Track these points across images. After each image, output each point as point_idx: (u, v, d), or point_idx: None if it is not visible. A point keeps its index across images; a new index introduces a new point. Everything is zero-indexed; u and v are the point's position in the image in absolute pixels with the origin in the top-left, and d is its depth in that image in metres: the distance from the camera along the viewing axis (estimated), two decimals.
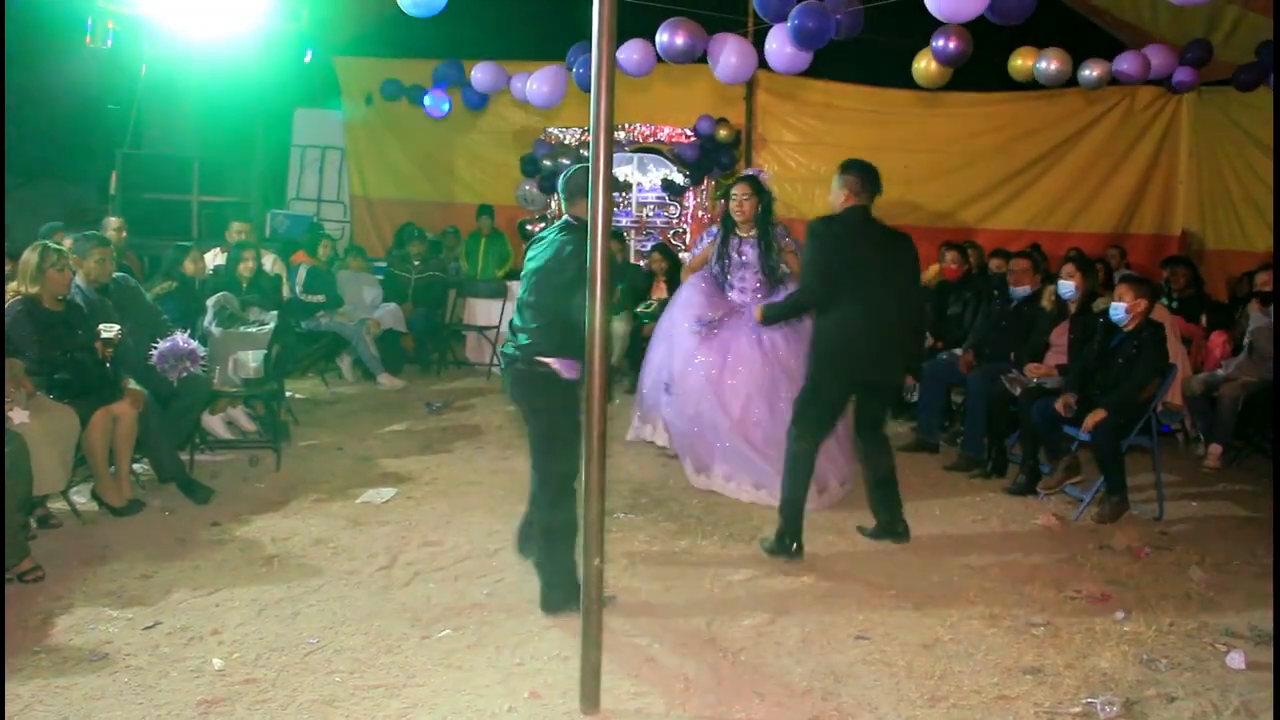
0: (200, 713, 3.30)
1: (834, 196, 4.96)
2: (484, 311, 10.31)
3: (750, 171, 6.30)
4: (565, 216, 4.18)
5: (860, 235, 4.83)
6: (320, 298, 8.95)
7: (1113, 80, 8.58)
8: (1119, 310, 5.76)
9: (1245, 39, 8.98)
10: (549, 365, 4.01)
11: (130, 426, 5.28)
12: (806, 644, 3.92)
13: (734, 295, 6.13)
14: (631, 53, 7.86)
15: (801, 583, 4.56)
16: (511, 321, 4.22)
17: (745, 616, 4.16)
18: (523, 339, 4.09)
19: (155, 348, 5.68)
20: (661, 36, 7.36)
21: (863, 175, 4.88)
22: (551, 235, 4.16)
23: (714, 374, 5.87)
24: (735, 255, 6.10)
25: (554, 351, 4.00)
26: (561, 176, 4.23)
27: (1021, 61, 8.63)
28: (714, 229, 6.27)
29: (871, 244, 4.84)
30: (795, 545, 4.84)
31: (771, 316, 5.20)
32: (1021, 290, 6.81)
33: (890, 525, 5.15)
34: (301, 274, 9.00)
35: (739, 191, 6.00)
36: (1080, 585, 4.56)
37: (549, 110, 9.28)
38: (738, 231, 6.08)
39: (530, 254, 4.22)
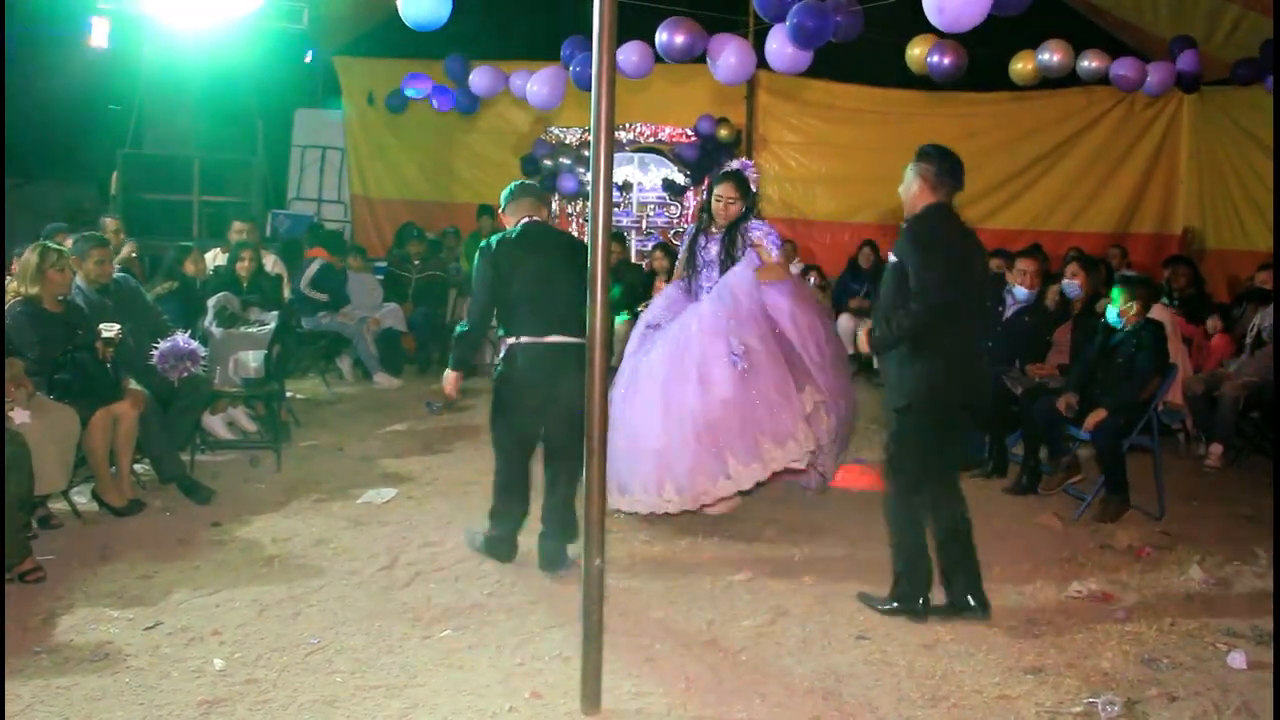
0: (201, 713, 3.31)
1: (907, 190, 4.15)
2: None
3: (736, 165, 5.89)
4: (525, 219, 4.62)
5: (954, 236, 4.08)
6: (323, 296, 8.95)
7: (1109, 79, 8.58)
8: (1113, 312, 5.77)
9: (1246, 39, 8.99)
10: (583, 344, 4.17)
11: (131, 427, 5.28)
12: (807, 644, 3.92)
13: (700, 297, 5.53)
14: (630, 54, 7.85)
15: (802, 583, 4.56)
16: (554, 308, 4.41)
17: (746, 617, 4.16)
18: (576, 327, 4.09)
19: (156, 348, 5.68)
20: (661, 35, 7.36)
21: (940, 162, 4.07)
22: (533, 232, 4.59)
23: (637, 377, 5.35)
24: (700, 254, 5.60)
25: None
26: (517, 184, 4.74)
27: (1022, 65, 8.63)
28: (692, 228, 5.87)
29: (964, 246, 4.10)
30: (923, 600, 4.15)
31: (887, 343, 4.13)
32: (1024, 293, 6.64)
33: (965, 595, 4.19)
34: (313, 268, 8.97)
35: (723, 193, 5.45)
36: (1082, 585, 4.55)
37: (549, 110, 9.29)
38: (711, 229, 5.57)
39: (514, 252, 4.51)
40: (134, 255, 7.47)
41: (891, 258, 4.14)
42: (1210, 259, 10.71)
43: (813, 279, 10.55)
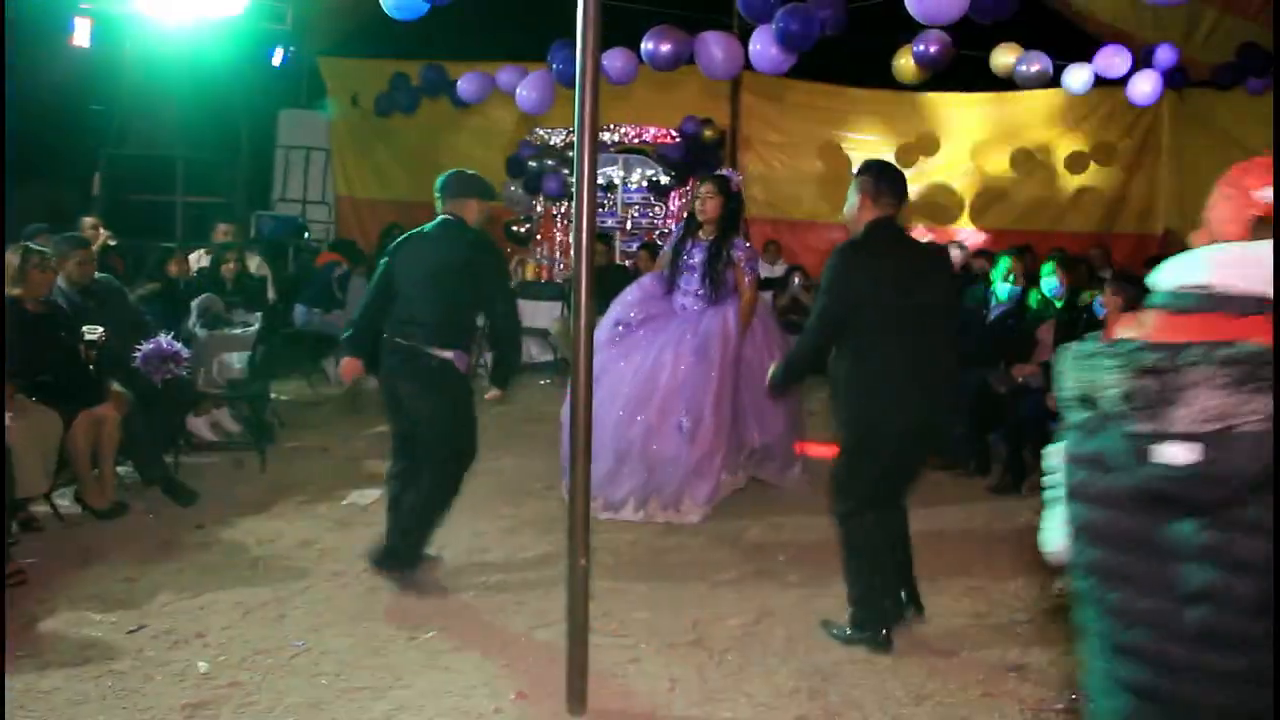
0: (185, 716, 3.28)
1: (849, 209, 3.98)
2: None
3: (722, 172, 6.11)
4: (443, 215, 4.42)
5: (889, 256, 3.86)
6: (341, 296, 8.95)
7: (1097, 82, 8.62)
8: (1099, 308, 5.81)
9: (1223, 42, 9.06)
10: (448, 358, 4.24)
11: (114, 429, 5.25)
12: (792, 644, 3.92)
13: (678, 298, 5.74)
14: (614, 60, 7.84)
15: (787, 583, 4.57)
16: (397, 315, 4.34)
17: (731, 616, 4.17)
18: (422, 331, 4.25)
19: (139, 350, 5.64)
20: (646, 45, 7.36)
21: (879, 176, 3.92)
22: (435, 231, 4.40)
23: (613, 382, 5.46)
24: (684, 258, 5.72)
25: (450, 345, 4.26)
26: (443, 176, 4.51)
27: (1003, 59, 8.66)
28: (679, 229, 6.01)
29: (905, 265, 3.87)
30: (885, 632, 3.90)
31: (780, 377, 4.14)
32: (1010, 289, 6.67)
33: (904, 602, 4.11)
34: (343, 268, 9.11)
35: (704, 189, 5.70)
36: (1064, 582, 4.56)
37: (538, 115, 9.28)
38: (699, 233, 5.71)
39: (406, 249, 4.40)
40: (111, 243, 7.41)
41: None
42: None
43: (796, 279, 10.58)
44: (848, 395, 3.86)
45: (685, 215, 6.07)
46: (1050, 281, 6.60)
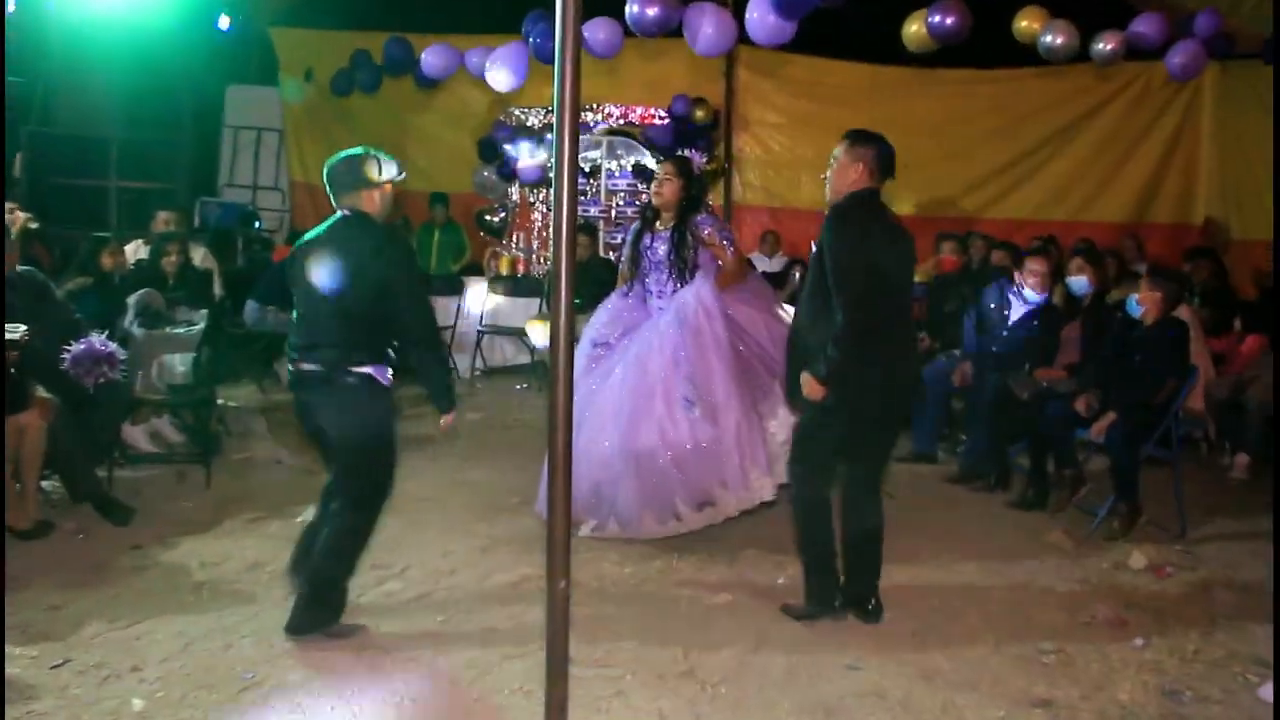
0: None
1: (838, 170, 4.30)
2: (438, 310, 10.22)
3: (683, 153, 5.97)
4: (340, 210, 4.17)
5: (883, 226, 4.28)
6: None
7: (1129, 54, 8.59)
8: (1132, 303, 5.82)
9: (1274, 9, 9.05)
10: (366, 374, 4.04)
11: (38, 439, 5.20)
12: (793, 675, 3.92)
13: (655, 304, 5.57)
14: (598, 31, 7.82)
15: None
16: (295, 337, 4.15)
17: (725, 645, 4.16)
18: (329, 352, 4.03)
19: (68, 351, 5.60)
20: (631, 8, 7.34)
21: (880, 150, 4.28)
22: (329, 234, 4.14)
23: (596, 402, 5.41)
24: (647, 254, 5.58)
25: (369, 359, 4.05)
26: (327, 166, 4.22)
27: (1027, 24, 8.57)
28: (635, 225, 5.85)
29: (893, 239, 4.29)
30: (838, 602, 4.38)
31: (832, 365, 4.14)
32: (1035, 296, 6.57)
33: (861, 597, 4.41)
34: None
35: (660, 172, 5.57)
36: (1095, 609, 4.58)
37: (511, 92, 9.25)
38: (656, 225, 5.59)
39: (300, 261, 4.14)
40: (33, 225, 7.34)
41: (814, 247, 4.32)
42: (1234, 251, 10.74)
43: (798, 274, 10.58)
44: (858, 375, 4.14)
45: (642, 208, 5.92)
46: (1078, 280, 6.61)
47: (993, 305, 6.87)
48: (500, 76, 8.40)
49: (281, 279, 4.34)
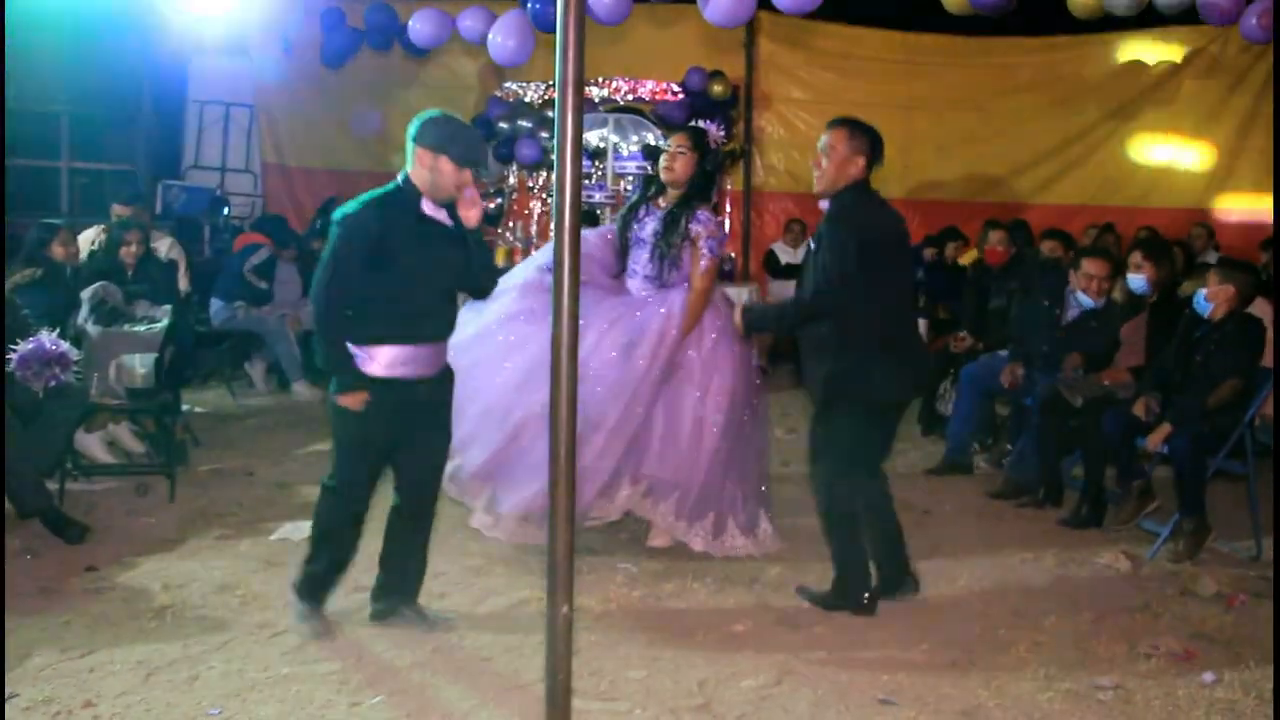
0: None
1: (838, 162, 4.72)
2: None
3: (699, 124, 5.88)
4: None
5: (886, 216, 4.82)
6: (264, 284, 8.95)
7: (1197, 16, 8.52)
8: (1200, 298, 5.81)
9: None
10: None
11: None
12: (819, 709, 3.92)
13: (626, 280, 5.60)
14: None
15: (814, 634, 4.57)
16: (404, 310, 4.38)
17: (746, 676, 4.16)
18: (441, 328, 4.48)
19: (14, 351, 5.63)
20: None
21: (875, 138, 4.77)
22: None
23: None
24: (635, 229, 5.56)
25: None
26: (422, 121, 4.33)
27: None
28: (633, 195, 5.86)
29: (895, 226, 4.85)
30: (868, 596, 4.79)
31: (758, 323, 5.12)
32: (1093, 302, 6.53)
33: (900, 575, 4.96)
34: (263, 253, 9.12)
35: (673, 143, 5.49)
36: (1158, 640, 4.57)
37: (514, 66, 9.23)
38: (659, 199, 5.56)
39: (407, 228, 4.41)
40: None
41: (812, 243, 4.80)
42: None
43: None
44: (860, 359, 4.60)
45: (645, 178, 5.90)
46: (1135, 279, 6.59)
47: (1046, 302, 6.88)
48: (504, 49, 8.34)
49: (238, 274, 4.55)
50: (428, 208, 4.30)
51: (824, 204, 4.78)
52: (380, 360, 4.25)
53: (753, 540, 5.48)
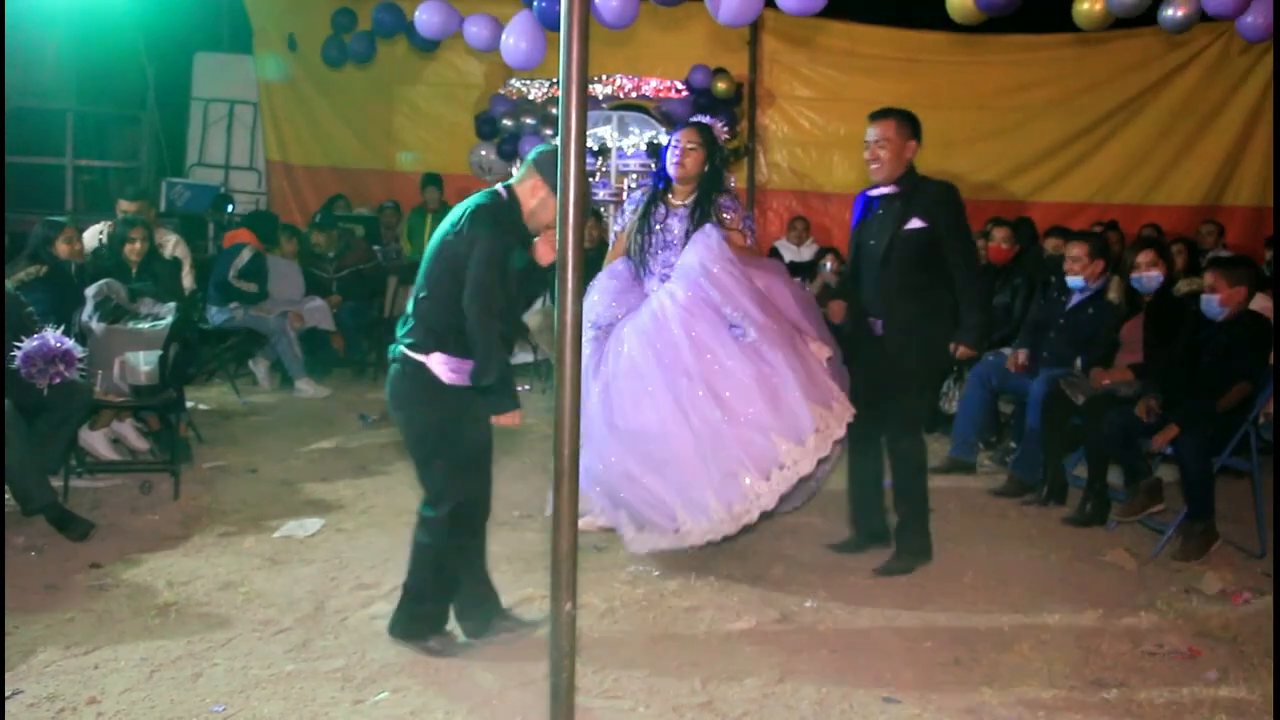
0: None
1: (896, 150, 5.21)
2: None
3: (704, 119, 5.87)
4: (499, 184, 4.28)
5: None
6: (253, 287, 8.94)
7: (1203, 17, 8.51)
8: (1212, 304, 5.78)
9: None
10: (423, 363, 4.10)
11: None
12: (823, 708, 3.92)
13: (649, 284, 5.48)
14: None
15: (817, 633, 4.57)
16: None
17: (748, 674, 4.17)
18: (402, 329, 4.20)
19: (18, 348, 5.63)
20: None
21: (916, 119, 5.33)
22: (468, 201, 4.23)
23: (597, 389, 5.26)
24: (658, 231, 5.49)
25: (431, 345, 4.10)
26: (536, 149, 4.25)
27: (1089, 6, 8.56)
28: (637, 194, 5.79)
29: None
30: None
31: (982, 334, 5.44)
32: (1076, 281, 6.68)
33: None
34: (245, 256, 9.01)
35: (680, 139, 5.47)
36: (1162, 638, 4.57)
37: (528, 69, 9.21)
38: (670, 198, 5.54)
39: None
40: None
41: (915, 223, 5.11)
42: None
43: (829, 263, 10.58)
44: (940, 328, 5.21)
45: (654, 176, 5.83)
46: (1148, 277, 6.58)
47: (1056, 295, 6.91)
48: (517, 51, 8.27)
49: (222, 276, 4.44)
50: None
51: (881, 190, 5.28)
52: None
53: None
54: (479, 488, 4.24)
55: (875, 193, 5.31)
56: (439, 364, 4.08)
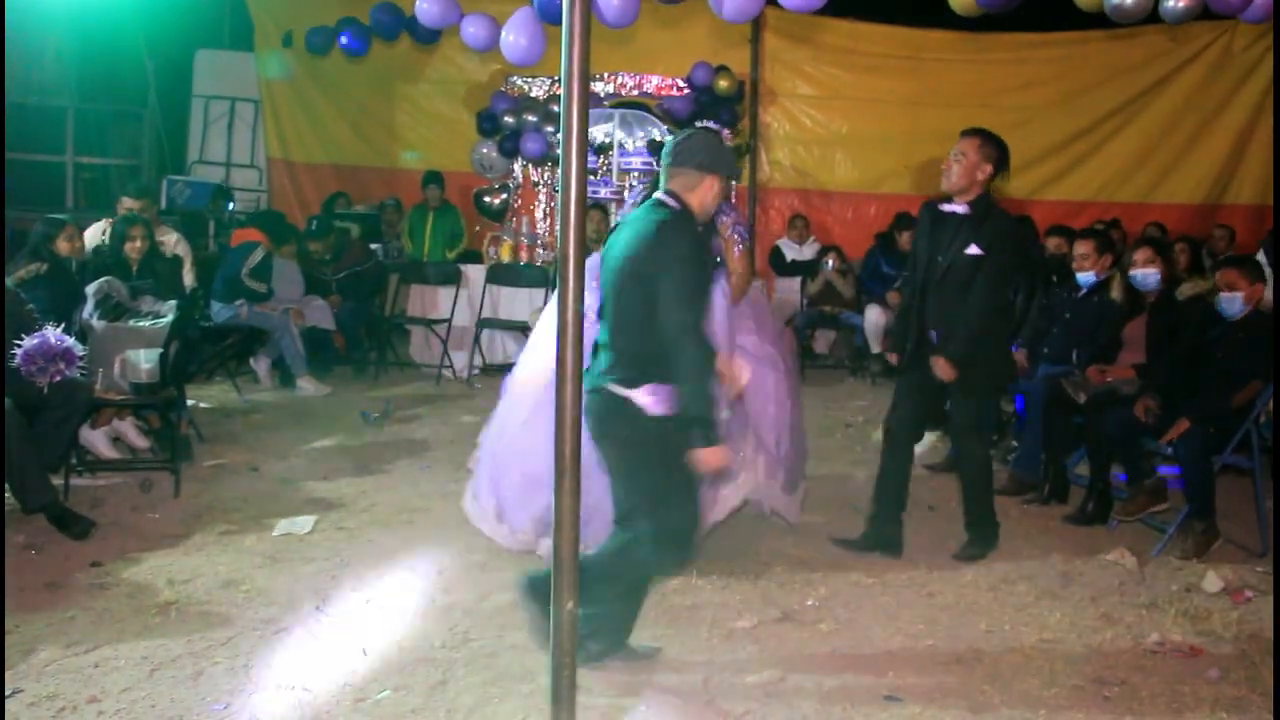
0: None
1: (967, 167, 5.42)
2: (432, 301, 10.29)
3: (705, 123, 5.85)
4: (659, 193, 4.07)
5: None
6: (263, 287, 8.95)
7: (1205, 13, 8.49)
8: (1235, 303, 5.76)
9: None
10: (628, 398, 3.87)
11: None
12: (825, 706, 3.92)
13: None
14: None
15: (819, 631, 4.58)
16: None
17: (751, 672, 4.17)
18: (601, 362, 3.98)
19: (18, 346, 5.63)
20: None
21: (1003, 148, 5.60)
22: (638, 215, 4.03)
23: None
24: None
25: (636, 379, 3.86)
26: (676, 140, 4.12)
27: None
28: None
29: None
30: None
31: (967, 348, 5.34)
32: (1087, 276, 6.75)
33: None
34: (258, 255, 9.04)
35: None
36: (1163, 636, 4.58)
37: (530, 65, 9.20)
38: None
39: (608, 245, 4.10)
40: None
41: (973, 249, 5.21)
42: None
43: (830, 262, 10.59)
44: (1002, 345, 5.73)
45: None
46: (1145, 274, 6.57)
47: (1060, 293, 6.92)
48: (517, 47, 8.26)
49: (233, 275, 4.30)
50: None
51: (952, 207, 5.40)
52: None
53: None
54: (691, 503, 4.03)
55: (946, 207, 5.43)
56: (645, 395, 3.86)
